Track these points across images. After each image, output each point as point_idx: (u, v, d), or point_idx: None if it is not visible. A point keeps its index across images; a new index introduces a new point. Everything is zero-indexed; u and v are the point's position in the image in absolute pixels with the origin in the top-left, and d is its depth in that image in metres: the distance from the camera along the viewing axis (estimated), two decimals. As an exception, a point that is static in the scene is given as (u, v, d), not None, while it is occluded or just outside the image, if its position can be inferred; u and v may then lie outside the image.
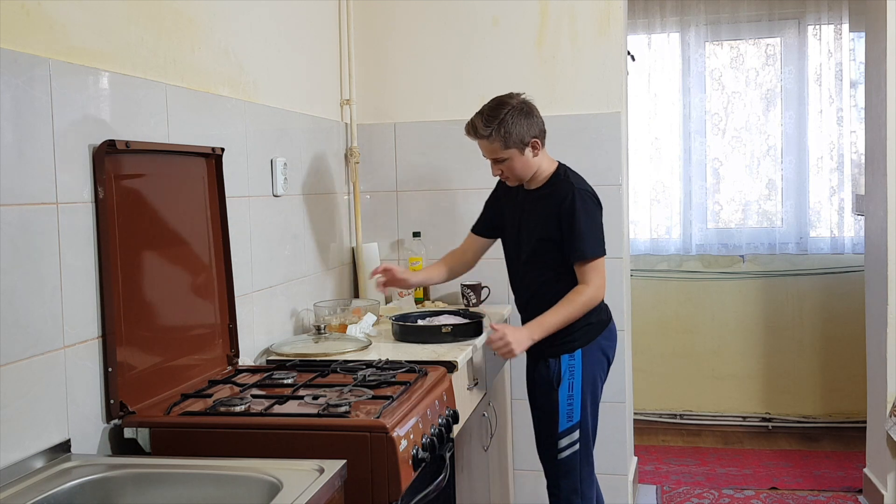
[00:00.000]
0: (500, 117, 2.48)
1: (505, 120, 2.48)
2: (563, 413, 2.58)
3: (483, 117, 2.51)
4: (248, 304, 2.44)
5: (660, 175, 4.89)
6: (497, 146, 2.51)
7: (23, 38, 1.58)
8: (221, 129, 2.32)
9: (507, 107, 2.50)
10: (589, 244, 2.52)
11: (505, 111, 2.49)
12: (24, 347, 1.56)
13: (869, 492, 3.65)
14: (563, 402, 2.59)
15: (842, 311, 4.73)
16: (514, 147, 2.50)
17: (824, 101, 4.71)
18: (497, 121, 2.48)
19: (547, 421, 2.61)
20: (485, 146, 2.55)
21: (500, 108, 2.50)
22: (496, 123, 2.48)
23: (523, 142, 2.51)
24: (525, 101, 2.55)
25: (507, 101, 2.52)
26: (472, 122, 2.54)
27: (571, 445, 2.59)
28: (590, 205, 2.55)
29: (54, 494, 1.48)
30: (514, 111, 2.49)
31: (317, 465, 1.51)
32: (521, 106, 2.52)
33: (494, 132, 2.48)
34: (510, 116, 2.48)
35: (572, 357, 2.58)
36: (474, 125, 2.52)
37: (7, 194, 1.52)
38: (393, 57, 3.43)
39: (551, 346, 2.57)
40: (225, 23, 2.37)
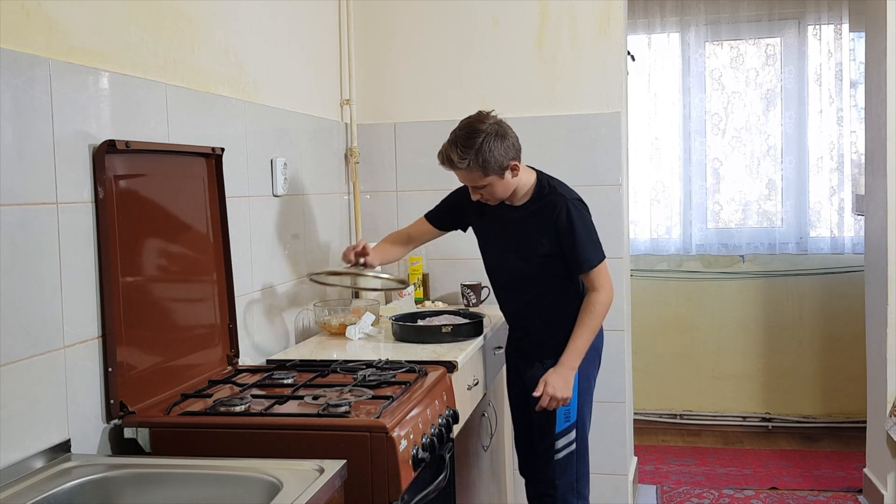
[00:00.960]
0: (476, 146, 2.36)
1: (482, 149, 2.36)
2: (560, 413, 2.55)
3: (458, 148, 2.39)
4: (248, 304, 2.44)
5: (660, 175, 4.89)
6: (476, 175, 2.41)
7: (23, 38, 1.58)
8: (221, 129, 2.32)
9: (482, 134, 2.38)
10: (591, 253, 2.49)
11: (480, 139, 2.37)
12: (24, 347, 1.56)
13: (869, 492, 3.65)
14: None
15: (842, 311, 4.73)
16: (493, 174, 2.41)
17: (824, 101, 4.71)
18: (473, 150, 2.36)
19: (544, 422, 2.58)
20: (462, 176, 2.46)
21: (475, 136, 2.38)
22: (472, 153, 2.37)
23: (502, 167, 2.41)
24: (497, 122, 2.45)
25: (480, 128, 2.39)
26: (446, 153, 2.42)
27: (568, 446, 2.58)
28: (583, 212, 2.52)
29: (54, 494, 1.48)
30: (490, 137, 2.38)
31: (317, 465, 1.51)
32: (495, 130, 2.40)
33: (472, 162, 2.38)
34: (486, 144, 2.37)
35: None
36: (449, 157, 2.41)
37: (7, 194, 1.52)
38: (393, 57, 3.43)
39: (546, 348, 2.56)
40: (225, 23, 2.37)
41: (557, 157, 3.29)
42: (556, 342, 2.55)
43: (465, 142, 2.39)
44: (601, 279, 2.51)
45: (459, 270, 3.39)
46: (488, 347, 2.83)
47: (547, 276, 2.55)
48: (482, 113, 2.48)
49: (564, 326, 2.54)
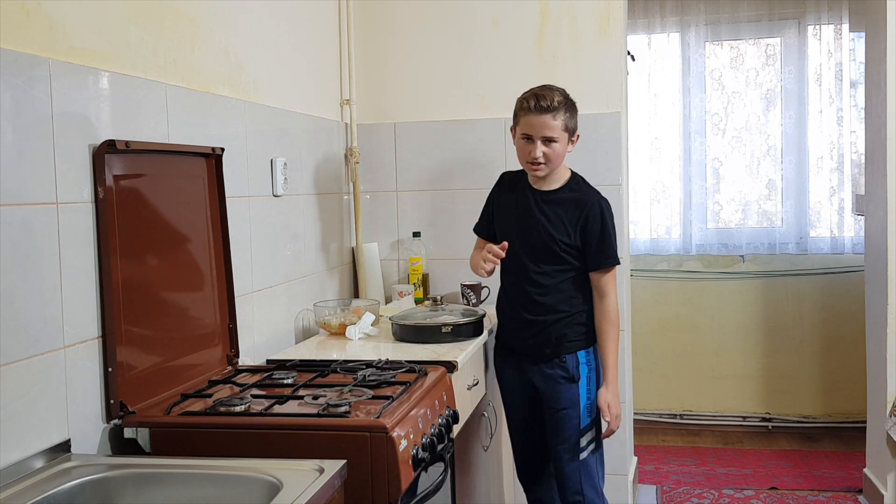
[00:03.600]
0: (571, 102, 2.51)
1: (573, 103, 2.51)
2: (583, 408, 2.54)
3: (556, 91, 2.49)
4: (248, 304, 2.44)
5: (660, 175, 4.89)
6: (558, 124, 2.47)
7: (23, 38, 1.58)
8: (221, 129, 2.32)
9: (564, 93, 2.51)
10: (613, 253, 2.56)
11: (568, 97, 2.51)
12: (24, 347, 1.56)
13: (869, 492, 3.65)
14: (583, 396, 2.55)
15: (842, 311, 4.73)
16: (568, 132, 2.50)
17: (824, 101, 4.71)
18: (569, 102, 2.50)
19: (565, 419, 2.54)
20: (544, 121, 2.47)
21: (562, 91, 2.51)
22: (566, 101, 2.49)
23: (575, 130, 2.54)
24: None
25: (559, 89, 2.53)
26: (542, 93, 2.48)
27: (590, 443, 2.56)
28: (610, 212, 2.59)
29: (54, 494, 1.48)
30: (570, 99, 2.52)
31: (317, 465, 1.51)
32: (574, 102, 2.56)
33: (564, 108, 2.47)
34: (569, 102, 2.51)
35: (588, 352, 2.57)
36: (547, 97, 2.46)
37: (7, 194, 1.52)
38: (393, 57, 3.43)
39: (563, 344, 2.55)
40: (225, 23, 2.37)
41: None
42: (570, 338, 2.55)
43: (563, 93, 2.51)
44: (612, 283, 2.57)
45: (459, 270, 3.39)
46: (488, 347, 2.83)
47: (563, 267, 2.55)
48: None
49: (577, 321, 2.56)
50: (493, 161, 3.35)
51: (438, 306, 2.82)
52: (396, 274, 3.47)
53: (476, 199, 3.35)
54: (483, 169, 3.36)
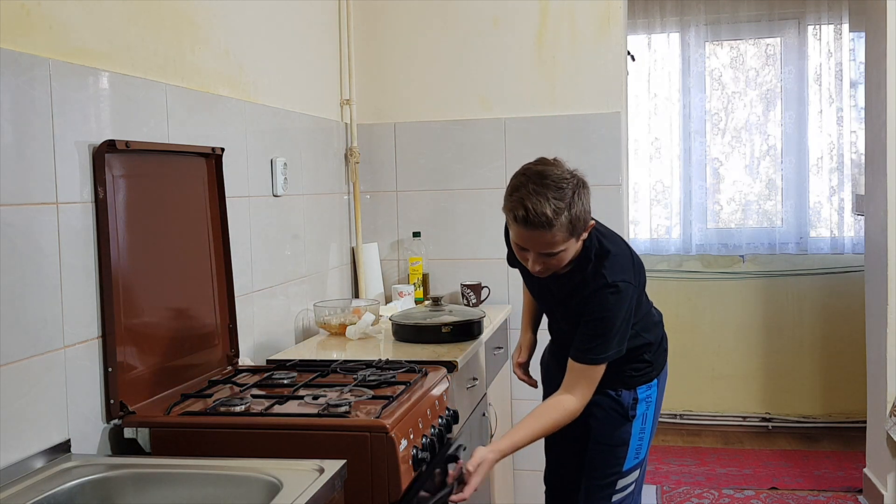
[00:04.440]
0: (568, 199, 1.93)
1: (573, 202, 1.93)
2: (632, 449, 2.26)
3: (549, 199, 1.91)
4: (248, 304, 2.44)
5: (660, 175, 4.89)
6: (558, 238, 1.96)
7: (23, 38, 1.58)
8: (221, 129, 2.32)
9: (568, 183, 1.94)
10: (596, 347, 2.09)
11: (570, 190, 1.93)
12: (24, 347, 1.56)
13: (869, 492, 3.65)
14: (635, 436, 2.26)
15: (842, 311, 4.73)
16: (574, 236, 1.98)
17: (824, 101, 4.71)
18: (566, 203, 1.92)
19: (609, 456, 2.26)
20: (537, 237, 1.97)
21: (563, 184, 1.94)
22: (566, 206, 1.92)
23: (585, 227, 2.01)
24: (575, 171, 2.02)
25: (564, 176, 1.96)
26: (532, 205, 1.91)
27: (628, 486, 2.28)
28: (615, 303, 2.08)
29: (54, 494, 1.47)
30: (578, 187, 1.96)
31: (317, 465, 1.51)
32: (582, 182, 1.99)
33: (564, 218, 1.92)
34: (576, 196, 1.94)
35: (649, 387, 2.28)
36: (538, 209, 1.91)
37: (7, 194, 1.52)
38: (393, 57, 3.43)
39: (621, 379, 2.24)
40: (225, 23, 2.37)
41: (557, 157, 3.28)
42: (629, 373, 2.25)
43: (555, 193, 1.92)
44: (585, 382, 2.11)
45: (459, 270, 3.40)
46: (488, 347, 2.83)
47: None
48: (545, 159, 2.06)
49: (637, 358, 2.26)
50: (493, 161, 3.35)
51: (438, 306, 2.81)
52: (396, 274, 3.47)
53: (476, 199, 3.37)
54: (483, 169, 3.36)
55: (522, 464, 3.35)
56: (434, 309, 2.79)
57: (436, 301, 2.86)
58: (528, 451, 3.24)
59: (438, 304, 2.84)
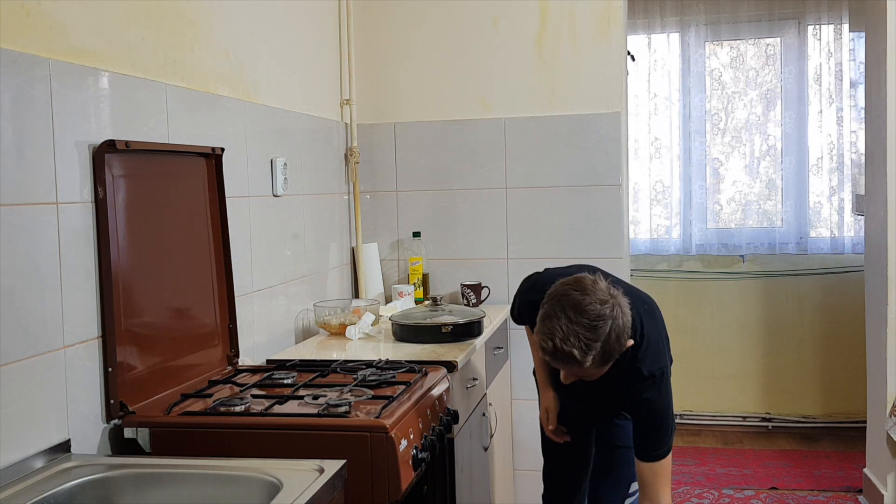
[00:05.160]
0: (602, 337, 1.85)
1: (608, 338, 1.86)
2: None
3: (581, 341, 1.84)
4: (248, 304, 2.44)
5: (660, 175, 4.89)
6: (591, 369, 1.91)
7: (23, 38, 1.58)
8: (221, 129, 2.32)
9: (604, 321, 1.85)
10: (663, 442, 2.05)
11: (603, 327, 1.85)
12: (24, 347, 1.56)
13: (869, 492, 3.65)
14: None
15: (842, 311, 4.73)
16: (611, 361, 1.93)
17: (824, 101, 4.71)
18: (599, 344, 1.86)
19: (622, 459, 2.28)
20: (571, 371, 1.97)
21: (597, 323, 1.85)
22: (599, 349, 1.86)
23: (622, 349, 1.92)
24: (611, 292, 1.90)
25: (599, 312, 1.85)
26: (564, 348, 1.85)
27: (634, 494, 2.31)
28: (662, 389, 2.06)
29: (54, 494, 1.48)
30: (613, 318, 1.87)
31: (317, 465, 1.51)
32: (613, 307, 1.88)
33: (597, 357, 1.87)
34: (612, 331, 1.86)
35: None
36: (570, 355, 1.86)
37: (7, 194, 1.52)
38: (393, 57, 3.43)
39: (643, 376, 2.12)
40: (225, 23, 2.37)
41: (557, 157, 3.29)
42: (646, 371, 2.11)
43: (588, 333, 1.85)
44: (662, 479, 2.05)
45: (459, 270, 3.40)
46: (488, 347, 2.83)
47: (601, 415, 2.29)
48: (582, 280, 1.92)
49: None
50: (493, 161, 3.35)
51: (438, 306, 2.81)
52: (396, 274, 3.47)
53: (476, 199, 3.37)
54: (483, 169, 3.36)
55: (522, 464, 3.35)
56: (434, 309, 2.79)
57: (436, 301, 2.86)
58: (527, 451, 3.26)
59: (438, 304, 2.84)
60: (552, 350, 1.87)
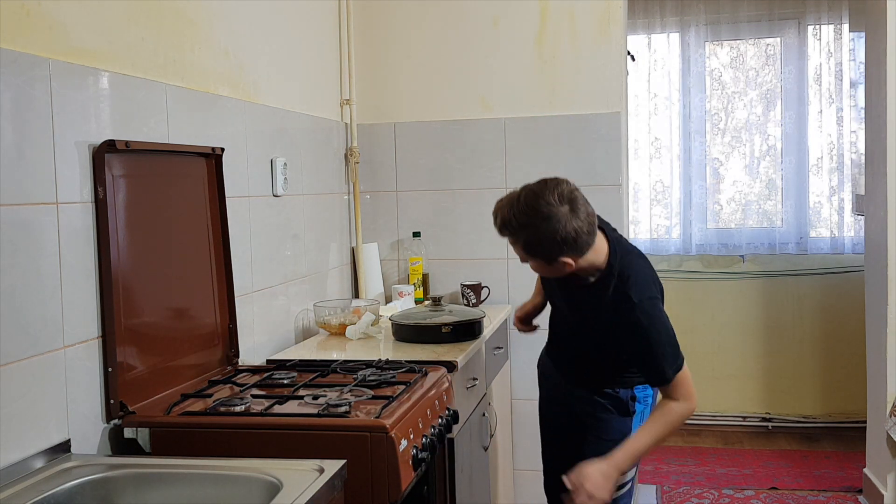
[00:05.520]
0: (530, 222, 2.00)
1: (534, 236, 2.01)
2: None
3: (513, 215, 2.02)
4: (248, 304, 2.44)
5: (660, 175, 4.89)
6: (519, 252, 2.10)
7: (23, 38, 1.58)
8: (221, 129, 2.32)
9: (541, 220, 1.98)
10: (668, 363, 2.13)
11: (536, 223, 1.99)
12: (24, 347, 1.56)
13: (869, 492, 3.65)
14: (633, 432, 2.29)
15: (842, 311, 4.73)
16: (542, 258, 2.07)
17: (824, 101, 4.71)
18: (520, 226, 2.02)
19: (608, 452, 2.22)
20: (510, 241, 2.13)
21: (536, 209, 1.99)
22: (520, 230, 2.03)
23: (549, 258, 2.05)
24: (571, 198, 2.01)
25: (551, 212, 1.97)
26: (497, 210, 2.06)
27: (628, 483, 2.31)
28: (655, 315, 2.14)
29: (54, 494, 1.48)
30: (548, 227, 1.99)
31: (317, 465, 1.51)
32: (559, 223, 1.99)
33: (520, 234, 2.04)
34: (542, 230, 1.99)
35: (646, 388, 2.34)
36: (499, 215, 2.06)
37: (7, 194, 1.52)
38: (393, 57, 3.43)
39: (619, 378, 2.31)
40: (225, 23, 2.37)
41: (557, 157, 3.29)
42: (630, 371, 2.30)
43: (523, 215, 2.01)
44: (681, 389, 2.14)
45: (459, 270, 3.40)
46: (488, 347, 2.83)
47: (600, 360, 2.32)
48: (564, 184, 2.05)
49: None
50: (493, 161, 3.35)
51: (438, 306, 2.81)
52: (396, 274, 3.47)
53: (476, 199, 3.37)
54: (483, 169, 3.36)
55: (522, 464, 3.35)
56: (434, 309, 2.79)
57: (436, 301, 2.86)
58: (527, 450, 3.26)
59: (438, 304, 2.84)
60: (494, 211, 2.09)
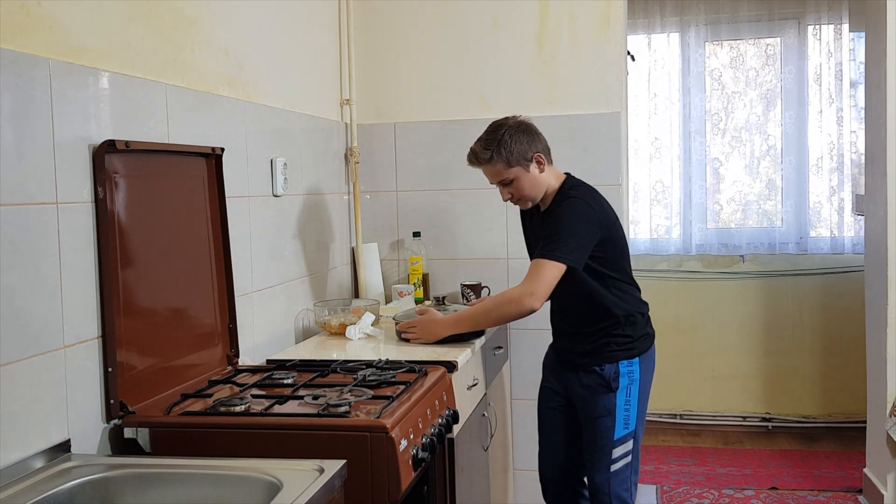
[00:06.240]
0: (499, 138, 2.44)
1: (503, 139, 2.43)
2: (619, 419, 2.49)
3: (481, 142, 2.47)
4: (248, 304, 2.44)
5: (660, 175, 4.89)
6: (500, 167, 2.45)
7: (23, 38, 1.58)
8: (221, 129, 2.32)
9: (504, 127, 2.47)
10: (553, 244, 2.38)
11: (502, 131, 2.45)
12: (24, 347, 1.56)
13: (869, 492, 3.65)
14: (620, 407, 2.49)
15: (842, 311, 4.73)
16: (517, 165, 2.44)
17: (824, 101, 4.71)
18: (496, 142, 2.44)
19: (600, 428, 2.51)
20: (488, 171, 2.50)
21: (498, 129, 2.47)
22: (495, 145, 2.44)
23: (526, 157, 2.45)
24: (523, 120, 2.51)
25: (504, 123, 2.49)
26: (472, 149, 2.50)
27: (625, 456, 2.50)
28: (577, 208, 2.43)
29: (54, 494, 1.48)
30: (512, 129, 2.45)
31: (317, 465, 1.51)
32: (518, 125, 2.48)
33: (495, 154, 2.44)
34: (508, 135, 2.44)
35: (630, 363, 2.51)
36: (474, 151, 2.49)
37: (7, 194, 1.52)
38: (393, 57, 3.43)
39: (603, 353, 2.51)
40: (225, 23, 2.37)
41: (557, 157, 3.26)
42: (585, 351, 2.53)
43: (488, 135, 2.47)
44: (533, 275, 2.38)
45: (459, 270, 3.40)
46: (488, 347, 2.83)
47: (579, 281, 2.45)
48: (508, 116, 2.54)
49: (618, 332, 2.51)
50: (493, 161, 3.35)
51: (442, 306, 2.81)
52: (396, 274, 3.47)
53: (476, 199, 3.37)
54: (483, 169, 3.36)
55: (522, 464, 3.35)
56: (437, 308, 2.79)
57: (439, 301, 2.86)
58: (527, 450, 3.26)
59: (442, 303, 2.84)
60: (468, 157, 2.51)
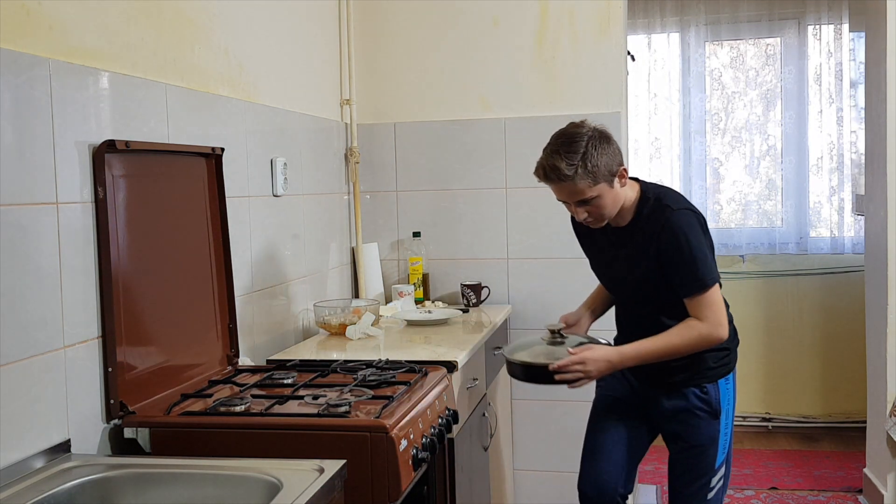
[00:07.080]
0: (583, 150, 2.10)
1: (588, 153, 2.10)
2: (721, 445, 2.29)
3: (562, 155, 2.11)
4: (248, 304, 2.44)
5: (660, 175, 4.89)
6: (585, 185, 2.12)
7: (23, 38, 1.58)
8: (221, 129, 2.32)
9: (584, 137, 2.13)
10: (698, 274, 2.14)
11: (584, 142, 2.11)
12: (24, 347, 1.56)
13: (869, 492, 3.65)
14: (723, 433, 2.29)
15: (842, 311, 4.73)
16: (603, 181, 2.13)
17: (824, 101, 4.72)
18: (580, 155, 2.10)
19: (701, 458, 2.29)
20: (568, 189, 2.14)
21: (577, 140, 2.12)
22: (580, 159, 2.09)
23: (612, 172, 2.14)
24: (600, 127, 2.19)
25: (580, 131, 2.15)
26: (550, 164, 2.13)
27: (719, 481, 2.31)
28: (690, 224, 2.18)
29: (54, 494, 1.48)
30: (595, 140, 2.13)
31: (317, 465, 1.51)
32: (600, 134, 2.15)
33: (580, 169, 2.09)
34: (592, 146, 2.11)
35: (727, 380, 2.32)
36: (553, 167, 2.11)
37: (7, 194, 1.52)
38: (393, 57, 3.43)
39: (702, 369, 2.27)
40: (225, 23, 2.37)
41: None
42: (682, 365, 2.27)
43: (568, 148, 2.12)
44: (709, 311, 2.15)
45: (459, 270, 3.40)
46: (488, 347, 2.83)
47: (653, 300, 2.27)
48: (575, 121, 2.22)
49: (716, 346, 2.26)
50: (493, 161, 3.35)
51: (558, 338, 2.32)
52: (396, 274, 3.47)
53: (476, 199, 3.37)
54: (483, 169, 3.36)
55: (522, 464, 3.35)
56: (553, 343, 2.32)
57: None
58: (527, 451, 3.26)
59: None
60: (543, 173, 2.16)
